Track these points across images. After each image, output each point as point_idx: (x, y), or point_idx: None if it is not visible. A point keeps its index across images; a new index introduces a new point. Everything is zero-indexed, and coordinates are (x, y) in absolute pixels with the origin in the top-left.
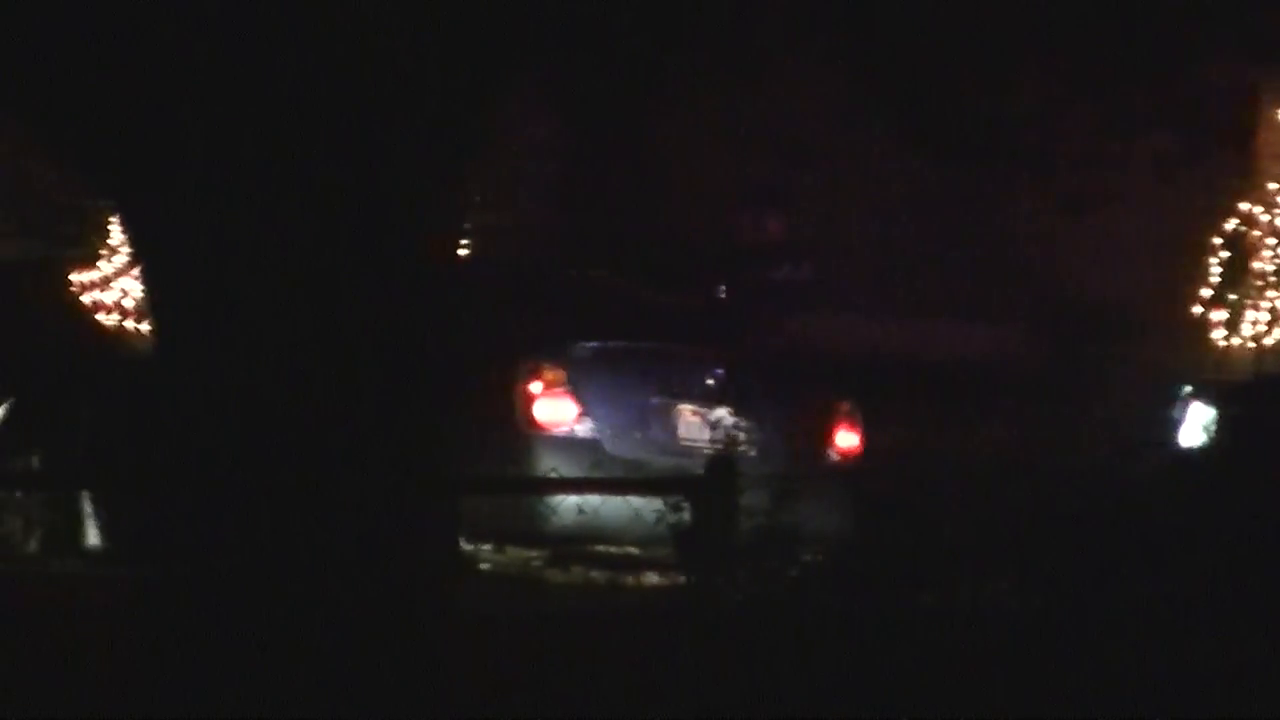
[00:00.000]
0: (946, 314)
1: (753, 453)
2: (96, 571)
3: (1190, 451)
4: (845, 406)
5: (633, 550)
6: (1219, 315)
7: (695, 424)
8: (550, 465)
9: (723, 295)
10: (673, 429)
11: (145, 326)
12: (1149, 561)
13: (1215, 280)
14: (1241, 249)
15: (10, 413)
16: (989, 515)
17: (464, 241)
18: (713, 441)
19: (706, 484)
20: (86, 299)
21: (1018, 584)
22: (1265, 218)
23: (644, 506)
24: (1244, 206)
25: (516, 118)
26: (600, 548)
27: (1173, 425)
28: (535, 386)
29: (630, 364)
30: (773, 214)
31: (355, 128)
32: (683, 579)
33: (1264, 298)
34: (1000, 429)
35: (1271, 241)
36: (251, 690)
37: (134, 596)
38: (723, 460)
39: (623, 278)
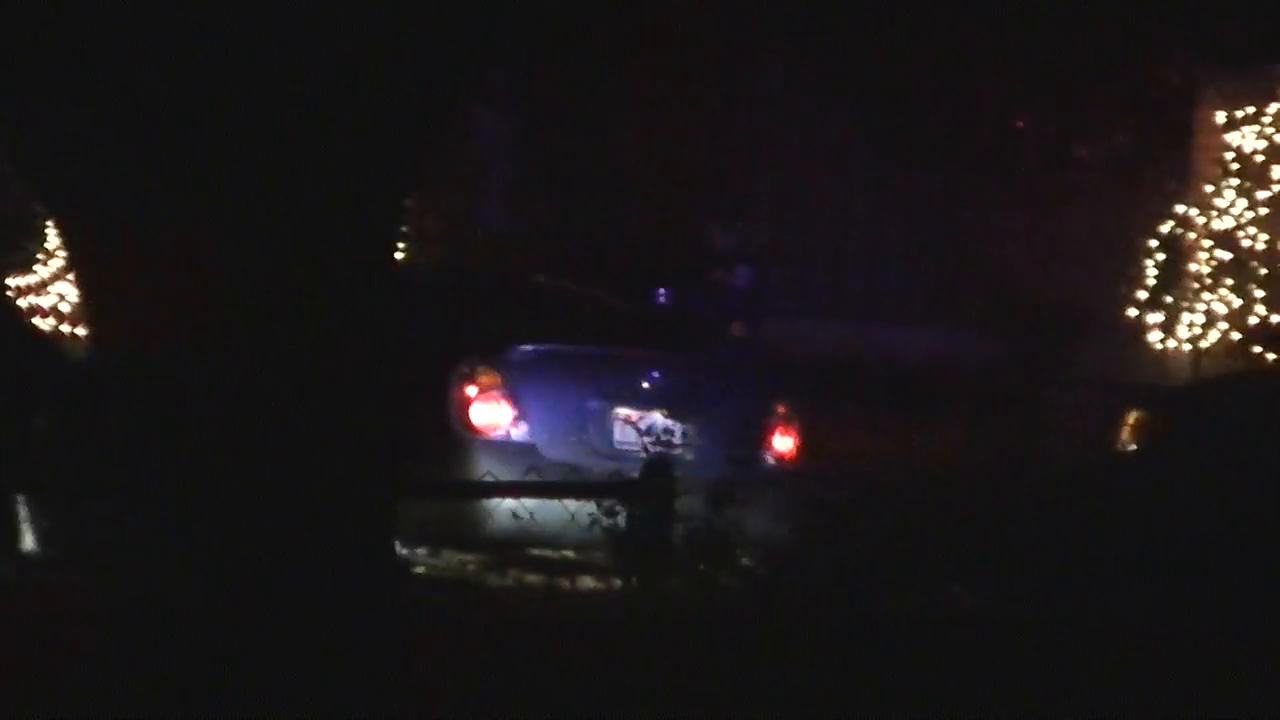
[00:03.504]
0: (902, 317)
1: (689, 457)
2: (33, 576)
3: (1127, 457)
4: (781, 410)
5: (569, 554)
6: (1155, 318)
7: (632, 428)
8: (486, 469)
9: (662, 299)
10: (609, 433)
11: (81, 331)
12: (1100, 563)
13: (1151, 283)
14: (1177, 252)
15: None
16: (941, 519)
17: (413, 246)
18: (649, 445)
19: (641, 488)
20: (23, 303)
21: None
22: (1201, 220)
23: (579, 510)
24: (1180, 209)
25: (475, 121)
26: (536, 552)
27: (1104, 428)
28: (471, 390)
29: (567, 367)
30: (721, 218)
31: (302, 133)
32: (618, 583)
33: (1200, 300)
34: (952, 434)
35: (1207, 244)
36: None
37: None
38: (658, 464)
39: (574, 282)
